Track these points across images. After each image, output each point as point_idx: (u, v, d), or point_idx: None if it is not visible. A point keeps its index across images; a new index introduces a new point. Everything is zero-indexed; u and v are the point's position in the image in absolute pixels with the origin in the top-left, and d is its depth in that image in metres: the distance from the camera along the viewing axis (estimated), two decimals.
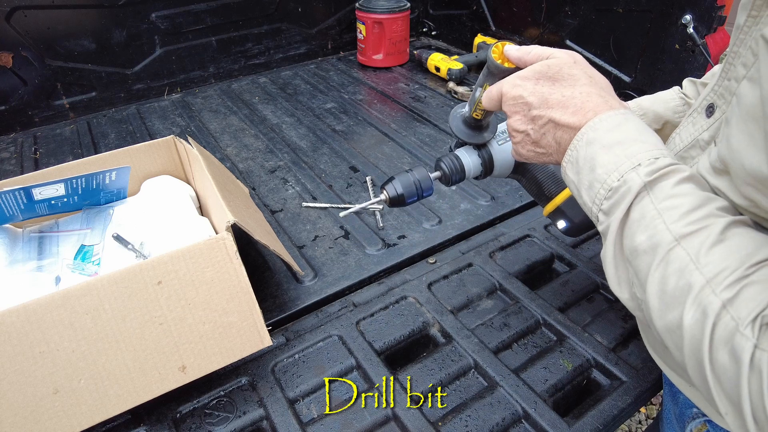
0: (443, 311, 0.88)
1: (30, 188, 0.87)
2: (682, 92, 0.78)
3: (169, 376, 0.70)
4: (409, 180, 0.72)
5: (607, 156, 0.49)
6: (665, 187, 0.45)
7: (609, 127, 0.51)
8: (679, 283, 0.41)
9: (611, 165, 0.48)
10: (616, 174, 0.48)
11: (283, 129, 1.52)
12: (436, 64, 1.81)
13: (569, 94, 0.54)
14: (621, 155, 0.48)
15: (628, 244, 0.47)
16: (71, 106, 1.62)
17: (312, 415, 0.74)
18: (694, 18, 1.23)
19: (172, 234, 0.91)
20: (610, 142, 0.49)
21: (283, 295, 0.93)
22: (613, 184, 0.48)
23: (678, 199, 0.44)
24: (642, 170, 0.46)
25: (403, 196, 0.72)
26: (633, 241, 0.46)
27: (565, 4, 1.59)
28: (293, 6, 1.89)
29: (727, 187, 0.47)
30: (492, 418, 0.72)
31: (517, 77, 0.58)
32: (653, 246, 0.44)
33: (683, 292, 0.41)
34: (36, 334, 0.63)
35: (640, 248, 0.45)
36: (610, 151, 0.49)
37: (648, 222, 0.45)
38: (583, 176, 0.51)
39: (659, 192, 0.45)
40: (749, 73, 0.45)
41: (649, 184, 0.46)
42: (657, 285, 0.43)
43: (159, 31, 1.67)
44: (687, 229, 0.42)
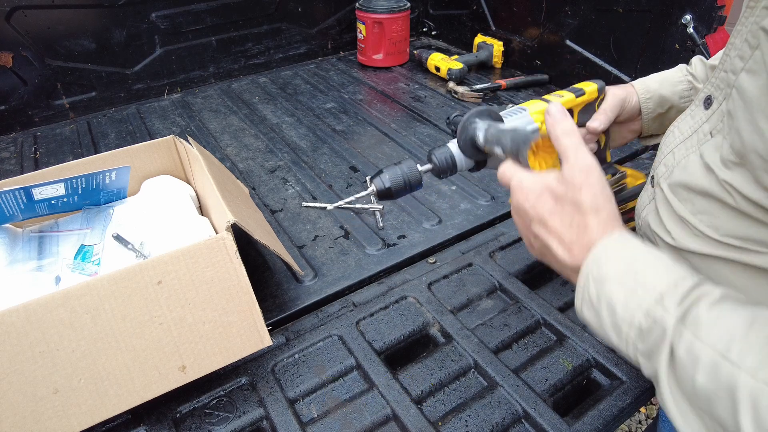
0: (443, 311, 0.88)
1: (30, 188, 0.87)
2: (690, 72, 0.77)
3: (169, 376, 0.69)
4: (397, 173, 0.71)
5: (624, 292, 0.44)
6: (702, 315, 0.40)
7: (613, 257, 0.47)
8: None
9: (632, 302, 0.43)
10: (641, 312, 0.43)
11: (283, 129, 1.52)
12: (436, 64, 1.81)
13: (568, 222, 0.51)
14: (638, 289, 0.43)
15: (689, 389, 0.40)
16: (71, 105, 1.62)
17: (312, 415, 0.74)
18: (694, 18, 1.23)
19: (172, 234, 0.91)
20: (620, 274, 0.45)
21: (283, 295, 0.93)
22: (642, 325, 0.42)
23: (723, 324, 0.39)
24: (668, 303, 0.42)
25: (390, 189, 0.71)
26: (694, 385, 0.39)
27: (565, 4, 1.59)
28: (293, 6, 1.89)
29: (741, 181, 0.46)
30: (492, 418, 0.72)
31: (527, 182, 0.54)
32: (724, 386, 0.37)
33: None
34: (36, 334, 0.63)
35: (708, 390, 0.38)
36: (624, 285, 0.44)
37: (702, 358, 0.38)
38: (605, 318, 0.46)
39: (698, 323, 0.40)
40: (747, 65, 0.45)
41: (682, 318, 0.40)
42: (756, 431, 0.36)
43: (159, 30, 1.67)
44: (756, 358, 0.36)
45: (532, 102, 0.78)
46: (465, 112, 0.73)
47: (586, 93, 0.79)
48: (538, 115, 0.76)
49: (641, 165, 1.29)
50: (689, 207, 0.54)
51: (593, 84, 0.80)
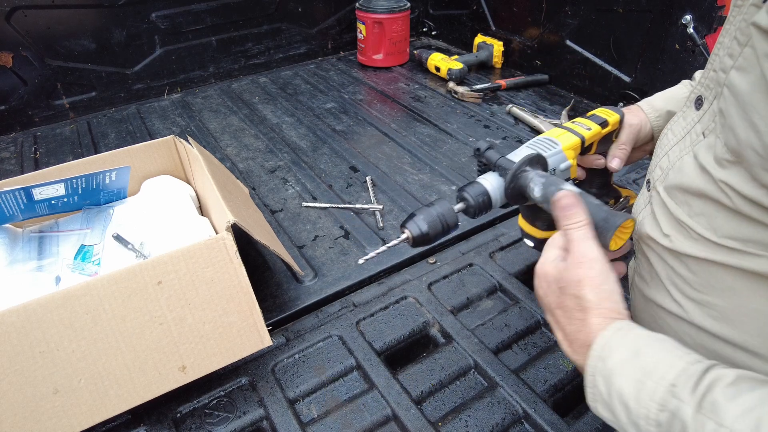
0: (443, 311, 0.88)
1: (30, 188, 0.87)
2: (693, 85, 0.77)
3: (169, 376, 0.69)
4: (432, 215, 0.63)
5: (633, 385, 0.43)
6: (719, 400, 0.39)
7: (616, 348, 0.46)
8: None
9: (644, 395, 0.42)
10: (654, 406, 0.41)
11: (283, 129, 1.52)
12: (436, 64, 1.81)
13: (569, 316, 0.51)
14: (648, 381, 0.42)
15: None
16: (71, 105, 1.62)
17: (312, 416, 0.74)
18: (694, 18, 1.23)
19: (172, 234, 0.91)
20: (627, 366, 0.44)
21: (283, 295, 0.93)
22: (660, 418, 0.41)
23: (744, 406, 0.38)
24: (681, 392, 0.40)
25: (428, 234, 0.63)
26: None
27: (565, 4, 1.59)
28: (293, 6, 1.89)
29: (738, 179, 0.45)
30: (492, 418, 0.72)
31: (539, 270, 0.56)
32: None
33: None
34: (36, 334, 0.63)
35: None
36: (632, 378, 0.43)
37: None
38: (621, 416, 0.44)
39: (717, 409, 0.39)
40: (737, 62, 0.45)
41: (699, 406, 0.39)
42: None
43: (159, 31, 1.67)
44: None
45: (561, 133, 0.74)
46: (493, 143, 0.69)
47: (610, 124, 0.77)
48: (570, 152, 0.73)
49: (643, 165, 1.29)
50: (686, 209, 0.54)
51: (615, 114, 0.78)
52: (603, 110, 0.80)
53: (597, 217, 0.56)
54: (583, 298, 0.49)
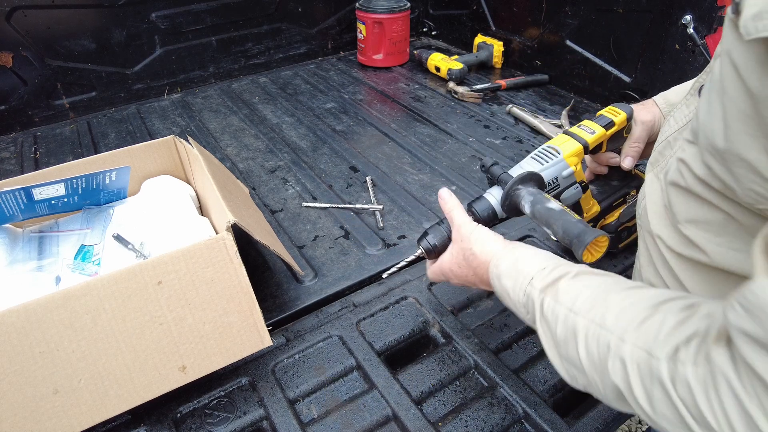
0: (443, 311, 0.88)
1: (30, 188, 0.87)
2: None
3: (169, 376, 0.69)
4: (443, 234, 0.74)
5: (511, 282, 0.59)
6: (560, 286, 0.53)
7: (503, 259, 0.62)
8: (600, 349, 0.46)
9: (516, 287, 0.58)
10: (521, 293, 0.57)
11: (283, 129, 1.52)
12: (436, 64, 1.81)
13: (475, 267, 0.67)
14: (518, 277, 0.58)
15: (555, 341, 0.52)
16: (71, 105, 1.62)
17: (312, 416, 0.74)
18: (694, 18, 1.23)
19: (172, 234, 0.91)
20: (508, 270, 0.60)
21: (283, 295, 0.93)
22: (522, 301, 0.57)
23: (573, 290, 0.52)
24: (535, 282, 0.56)
25: (437, 247, 0.74)
26: (556, 336, 0.52)
27: (565, 4, 1.59)
28: (293, 6, 1.89)
29: (693, 157, 0.50)
30: (492, 419, 0.72)
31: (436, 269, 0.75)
32: (571, 331, 0.49)
33: (604, 354, 0.45)
34: (36, 334, 0.63)
35: (563, 338, 0.50)
36: (510, 278, 0.59)
37: (559, 315, 0.51)
38: (508, 303, 0.61)
39: (556, 292, 0.53)
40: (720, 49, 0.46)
41: (545, 289, 0.54)
42: (587, 361, 0.47)
43: (159, 31, 1.67)
44: (589, 305, 0.49)
45: (564, 140, 0.78)
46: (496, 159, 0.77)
47: (616, 125, 0.79)
48: (572, 158, 0.77)
49: None
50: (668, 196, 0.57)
51: (622, 112, 0.80)
52: (611, 109, 0.81)
53: (571, 234, 0.64)
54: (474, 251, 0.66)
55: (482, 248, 0.65)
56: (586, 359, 0.47)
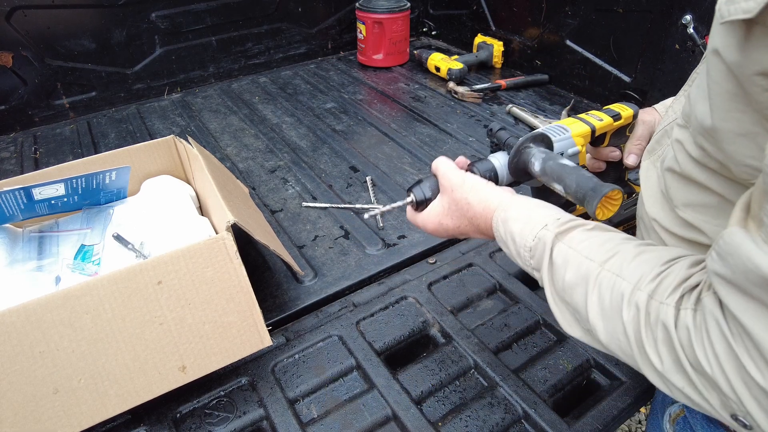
0: (443, 311, 0.88)
1: (30, 188, 0.87)
2: None
3: (169, 376, 0.69)
4: (437, 184, 0.69)
5: (520, 225, 0.58)
6: (574, 234, 0.53)
7: (512, 204, 0.60)
8: (613, 296, 0.47)
9: (526, 231, 0.57)
10: (530, 236, 0.56)
11: (283, 129, 1.52)
12: (436, 64, 1.81)
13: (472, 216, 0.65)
14: (530, 221, 0.57)
15: (560, 286, 0.53)
16: (71, 105, 1.62)
17: (312, 416, 0.74)
18: (694, 18, 1.23)
19: (172, 234, 0.91)
20: (518, 215, 0.58)
21: (283, 295, 0.93)
22: (531, 244, 0.56)
23: (589, 239, 0.52)
24: (550, 226, 0.55)
25: (430, 199, 0.69)
26: (564, 281, 0.52)
27: (565, 4, 1.59)
28: (293, 6, 1.89)
29: (686, 139, 0.52)
30: (492, 418, 0.72)
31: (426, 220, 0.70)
32: (582, 277, 0.50)
33: (618, 301, 0.46)
34: (36, 334, 0.63)
35: (572, 283, 0.51)
36: (519, 221, 0.58)
37: (571, 260, 0.51)
38: (510, 247, 0.59)
39: (571, 239, 0.53)
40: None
41: (559, 234, 0.54)
42: (596, 307, 0.48)
43: (159, 30, 1.67)
44: (605, 255, 0.49)
45: (573, 122, 0.78)
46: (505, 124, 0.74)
47: (623, 118, 0.80)
48: (579, 138, 0.76)
49: None
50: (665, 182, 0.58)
51: (629, 109, 0.80)
52: (618, 105, 0.82)
53: (585, 187, 0.62)
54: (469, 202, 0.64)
55: (479, 196, 0.64)
56: (596, 305, 0.48)
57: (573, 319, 0.53)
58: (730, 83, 0.41)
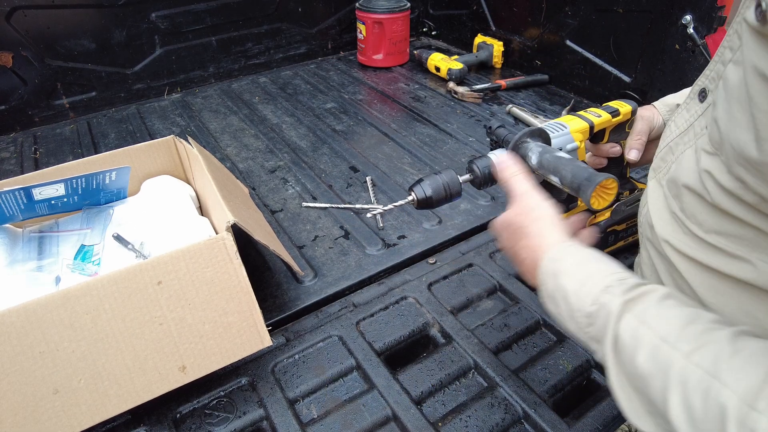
0: (443, 311, 0.88)
1: (30, 188, 0.87)
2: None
3: (169, 376, 0.69)
4: (437, 182, 0.70)
5: (575, 283, 0.49)
6: (648, 305, 0.43)
7: (566, 254, 0.52)
8: (708, 404, 0.36)
9: (582, 292, 0.48)
10: (589, 299, 0.47)
11: (283, 129, 1.52)
12: (436, 64, 1.81)
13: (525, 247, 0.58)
14: (588, 281, 0.48)
15: (630, 371, 0.43)
16: (71, 105, 1.62)
17: (312, 416, 0.74)
18: (694, 18, 1.23)
19: (172, 234, 0.91)
20: (573, 269, 0.50)
21: (283, 295, 0.93)
22: (590, 310, 0.47)
23: (667, 315, 0.42)
24: (615, 291, 0.46)
25: (431, 198, 0.70)
26: (634, 366, 0.42)
27: (565, 4, 1.59)
28: (293, 6, 1.89)
29: (717, 168, 0.47)
30: (492, 419, 0.72)
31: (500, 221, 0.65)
32: (661, 368, 0.40)
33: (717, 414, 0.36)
34: (36, 334, 0.63)
35: (645, 372, 0.41)
36: (575, 277, 0.49)
37: (644, 341, 0.42)
38: (561, 308, 0.50)
39: (643, 312, 0.43)
40: (735, 56, 0.45)
41: (628, 303, 0.44)
42: (682, 411, 0.38)
43: (159, 31, 1.67)
44: (692, 345, 0.39)
45: (571, 118, 0.78)
46: (504, 122, 0.74)
47: (621, 114, 0.80)
48: (578, 134, 0.77)
49: None
50: (678, 203, 0.55)
51: (627, 105, 0.81)
52: (617, 102, 0.83)
53: (580, 177, 0.62)
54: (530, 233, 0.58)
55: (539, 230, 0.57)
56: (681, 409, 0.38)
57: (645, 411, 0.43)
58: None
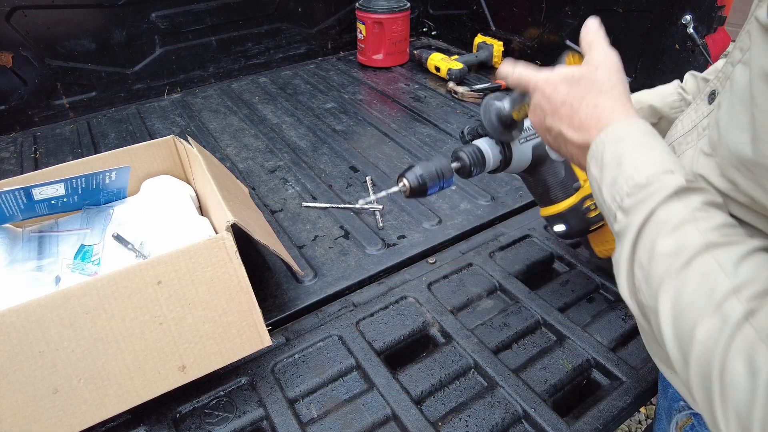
0: (443, 311, 0.88)
1: (30, 188, 0.87)
2: (681, 86, 0.77)
3: (169, 376, 0.69)
4: (430, 168, 0.68)
5: (640, 154, 0.46)
6: (699, 199, 0.43)
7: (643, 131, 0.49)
8: (701, 287, 0.38)
9: (643, 163, 0.45)
10: (646, 172, 0.44)
11: (283, 129, 1.52)
12: (436, 64, 1.81)
13: (577, 105, 0.53)
14: (656, 158, 0.45)
15: (648, 246, 0.43)
16: (71, 105, 1.62)
17: (312, 415, 0.74)
18: (694, 18, 1.23)
19: (172, 234, 0.91)
20: (645, 143, 0.47)
21: (283, 295, 0.93)
22: (641, 181, 0.44)
23: (711, 213, 0.42)
24: (677, 176, 0.44)
25: (425, 185, 0.67)
26: (654, 244, 0.42)
27: (565, 4, 1.59)
28: (293, 6, 1.89)
29: (711, 170, 0.47)
30: (492, 418, 0.72)
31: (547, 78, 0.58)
32: (678, 249, 0.40)
33: (704, 296, 0.37)
34: (36, 334, 0.63)
35: (663, 251, 0.41)
36: (642, 150, 0.46)
37: (677, 225, 0.41)
38: (607, 172, 0.48)
39: (693, 201, 0.42)
40: (744, 57, 0.44)
41: (684, 190, 0.43)
42: (674, 290, 0.39)
43: (159, 31, 1.67)
44: (720, 239, 0.39)
45: None
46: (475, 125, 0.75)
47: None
48: None
49: None
50: None
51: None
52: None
53: None
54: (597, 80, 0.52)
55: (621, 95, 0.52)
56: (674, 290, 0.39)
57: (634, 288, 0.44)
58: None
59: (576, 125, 0.53)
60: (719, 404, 0.36)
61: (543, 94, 0.57)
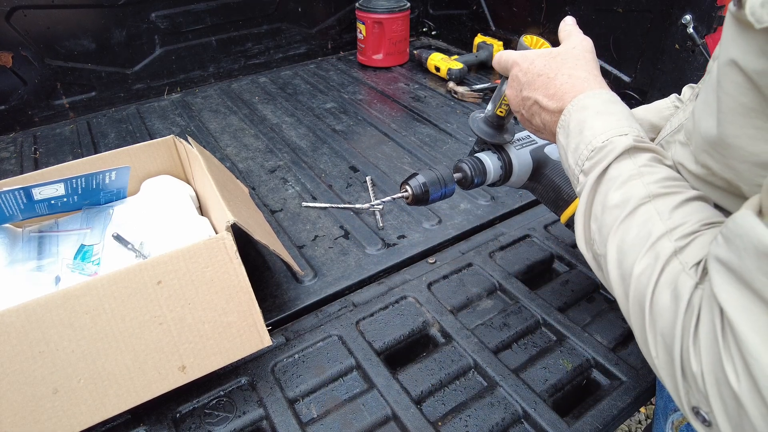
0: (443, 311, 0.88)
1: (30, 188, 0.87)
2: (678, 98, 0.78)
3: (169, 376, 0.70)
4: (433, 176, 0.70)
5: (598, 121, 0.51)
6: (646, 156, 0.48)
7: (605, 100, 0.53)
8: (641, 232, 0.43)
9: (600, 128, 0.50)
10: (603, 136, 0.50)
11: (283, 129, 1.52)
12: (436, 64, 1.81)
13: (553, 75, 0.58)
14: (612, 123, 0.50)
15: (600, 200, 0.48)
16: (71, 105, 1.62)
17: (312, 415, 0.74)
18: (694, 18, 1.23)
19: (172, 234, 0.91)
20: (604, 111, 0.52)
21: (283, 295, 0.93)
22: (598, 145, 0.50)
23: (656, 168, 0.47)
24: (629, 138, 0.49)
25: (427, 193, 0.69)
26: (605, 198, 0.47)
27: (565, 4, 1.59)
28: (293, 6, 1.89)
29: (686, 157, 0.50)
30: (492, 418, 0.72)
31: (525, 54, 0.63)
32: (625, 201, 0.46)
33: (642, 239, 0.43)
34: (36, 334, 0.63)
35: (611, 203, 0.47)
36: (600, 117, 0.51)
37: (625, 180, 0.47)
38: (572, 139, 0.53)
39: (641, 159, 0.48)
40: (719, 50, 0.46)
41: (634, 149, 0.48)
42: (619, 236, 0.45)
43: (159, 30, 1.67)
44: (661, 190, 0.45)
45: None
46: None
47: None
48: None
49: None
50: None
51: None
52: None
53: None
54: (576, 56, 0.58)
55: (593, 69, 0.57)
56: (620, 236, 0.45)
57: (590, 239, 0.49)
58: (747, 96, 0.38)
59: (551, 93, 0.57)
60: (650, 330, 0.41)
61: (520, 69, 0.62)
